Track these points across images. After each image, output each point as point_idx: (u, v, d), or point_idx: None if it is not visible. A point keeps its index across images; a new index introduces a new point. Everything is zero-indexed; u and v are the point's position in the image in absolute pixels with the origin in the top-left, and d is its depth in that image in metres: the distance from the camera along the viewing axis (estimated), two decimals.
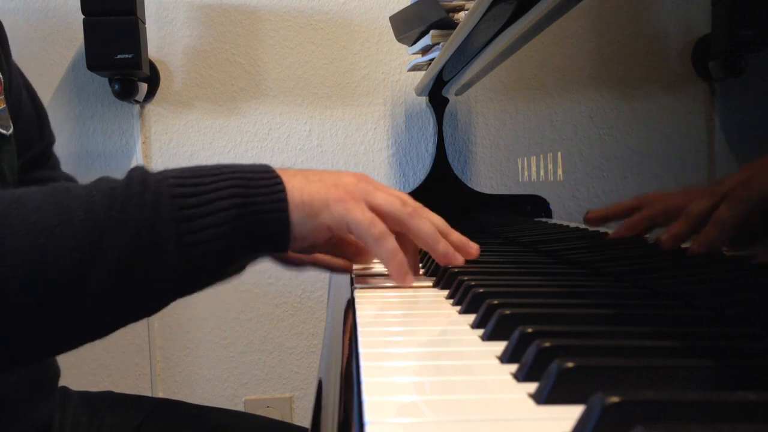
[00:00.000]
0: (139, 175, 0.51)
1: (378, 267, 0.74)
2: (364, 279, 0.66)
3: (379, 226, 0.57)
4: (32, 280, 0.45)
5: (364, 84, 1.69)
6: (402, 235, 0.61)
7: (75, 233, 0.46)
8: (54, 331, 0.48)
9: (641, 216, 0.62)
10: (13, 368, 0.63)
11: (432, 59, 1.31)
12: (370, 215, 0.56)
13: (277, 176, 0.55)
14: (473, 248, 0.64)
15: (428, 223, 0.61)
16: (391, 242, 0.57)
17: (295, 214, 0.54)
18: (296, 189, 0.55)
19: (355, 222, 0.56)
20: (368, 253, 0.68)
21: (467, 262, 0.65)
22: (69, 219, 0.47)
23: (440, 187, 1.37)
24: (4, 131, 0.77)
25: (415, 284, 0.63)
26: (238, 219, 0.51)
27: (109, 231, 0.47)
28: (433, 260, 0.68)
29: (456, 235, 0.64)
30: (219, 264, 0.52)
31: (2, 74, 0.80)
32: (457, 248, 0.63)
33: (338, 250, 0.68)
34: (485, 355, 0.39)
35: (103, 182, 0.51)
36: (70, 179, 0.96)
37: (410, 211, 0.59)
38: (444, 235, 0.62)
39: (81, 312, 0.48)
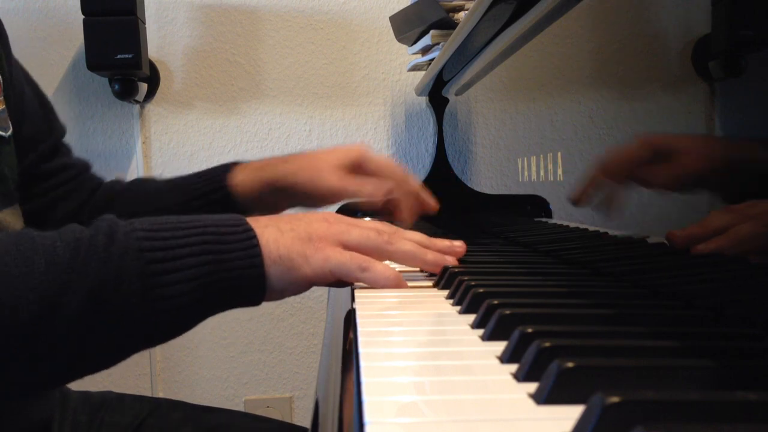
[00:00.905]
0: (107, 226, 0.50)
1: None
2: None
3: (360, 259, 0.56)
4: (0, 326, 0.44)
5: (364, 84, 1.69)
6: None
7: (35, 285, 0.45)
8: (11, 380, 0.47)
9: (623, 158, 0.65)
10: None
11: (432, 59, 1.31)
12: (348, 254, 0.56)
13: (250, 229, 0.53)
14: (458, 247, 0.65)
15: (407, 243, 0.61)
16: (378, 267, 0.57)
17: (273, 269, 0.53)
18: (271, 242, 0.53)
19: (337, 266, 0.55)
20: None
21: (467, 262, 0.65)
22: (29, 270, 0.46)
23: (440, 187, 1.37)
24: (2, 133, 0.77)
25: (415, 284, 0.63)
26: (209, 275, 0.50)
27: (71, 283, 0.46)
28: None
29: (440, 243, 0.64)
30: (186, 319, 0.51)
31: (2, 75, 0.80)
32: (445, 253, 0.64)
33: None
34: (485, 355, 0.39)
35: (69, 232, 0.50)
36: (86, 164, 0.97)
37: (386, 238, 0.59)
38: (428, 247, 0.63)
39: (53, 356, 0.47)
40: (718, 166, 0.51)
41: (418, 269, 0.73)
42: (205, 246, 0.51)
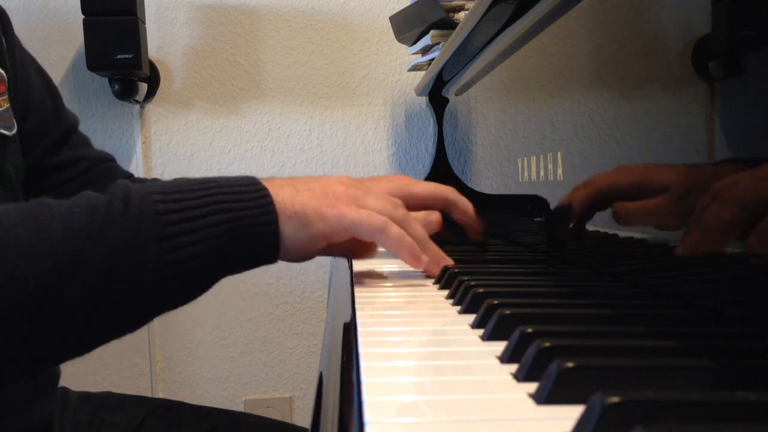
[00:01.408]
0: (122, 191, 0.50)
1: (378, 267, 0.74)
2: (364, 279, 0.66)
3: (378, 218, 0.56)
4: (11, 299, 0.45)
5: (364, 84, 1.69)
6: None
7: (53, 251, 0.46)
8: (34, 348, 0.48)
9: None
10: None
11: (432, 59, 1.31)
12: (365, 212, 0.56)
13: (264, 188, 0.54)
14: (446, 262, 0.64)
15: (419, 228, 0.61)
16: (395, 229, 0.57)
17: (288, 226, 0.53)
18: (287, 200, 0.54)
19: (353, 223, 0.55)
20: (366, 248, 0.66)
21: (467, 262, 0.65)
22: (47, 237, 0.46)
23: None
24: (6, 132, 0.77)
25: (415, 284, 0.63)
26: (225, 234, 0.51)
27: (89, 249, 0.47)
28: None
29: (432, 250, 0.63)
30: (203, 280, 0.52)
31: (5, 71, 0.80)
32: (435, 259, 0.63)
33: (334, 251, 0.66)
34: (485, 355, 0.39)
35: (84, 198, 0.50)
36: (106, 156, 0.96)
37: (401, 216, 0.59)
38: (423, 247, 0.62)
39: (61, 329, 0.47)
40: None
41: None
42: (220, 205, 0.51)
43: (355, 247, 0.63)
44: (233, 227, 0.51)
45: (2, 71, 0.79)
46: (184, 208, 0.50)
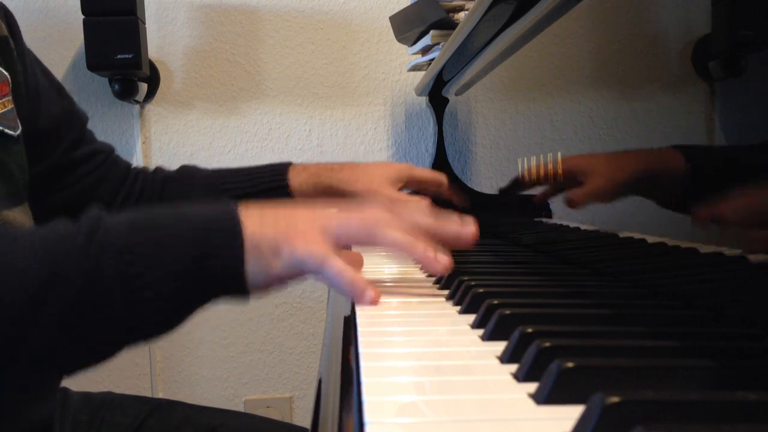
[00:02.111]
0: (89, 223, 0.49)
1: (379, 268, 0.74)
2: None
3: (318, 253, 0.51)
4: None
5: (364, 84, 1.69)
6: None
7: (15, 284, 0.45)
8: (13, 371, 0.47)
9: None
10: None
11: (432, 59, 1.31)
12: (312, 246, 0.52)
13: (236, 223, 0.51)
14: (468, 232, 0.58)
15: (394, 233, 0.55)
16: (332, 263, 0.51)
17: (250, 266, 0.51)
18: (248, 234, 0.51)
19: (300, 260, 0.51)
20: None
21: (467, 262, 0.65)
22: (9, 269, 0.45)
23: None
24: (11, 132, 0.77)
25: (415, 284, 0.63)
26: (191, 274, 0.49)
27: (50, 285, 0.46)
28: None
29: (449, 227, 0.58)
30: (172, 317, 0.51)
31: (10, 73, 0.80)
32: (454, 239, 0.58)
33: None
34: (485, 355, 0.39)
35: (51, 231, 0.49)
36: (108, 147, 1.00)
37: (371, 226, 0.55)
38: (436, 230, 0.57)
39: (23, 361, 0.47)
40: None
41: (419, 266, 0.73)
42: (187, 242, 0.49)
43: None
44: (199, 266, 0.49)
45: (6, 73, 0.79)
46: (151, 245, 0.49)
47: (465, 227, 0.58)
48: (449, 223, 0.58)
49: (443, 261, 0.55)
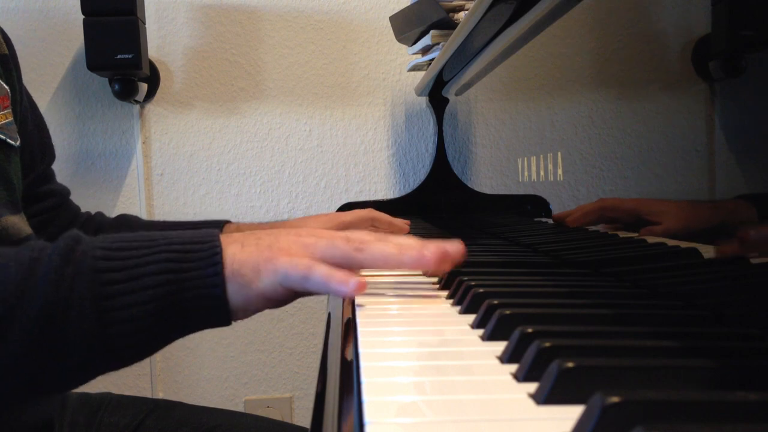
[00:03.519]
0: (65, 245, 0.48)
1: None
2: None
3: (301, 263, 0.50)
4: None
5: (364, 84, 1.69)
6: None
7: None
8: None
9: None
10: None
11: (432, 59, 1.31)
12: (294, 260, 0.51)
13: (216, 247, 0.50)
14: (453, 252, 0.56)
15: (380, 246, 0.54)
16: (319, 270, 0.50)
17: (230, 287, 0.50)
18: (228, 259, 0.50)
19: (283, 275, 0.50)
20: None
21: (467, 262, 0.65)
22: None
23: (440, 187, 1.37)
24: (12, 142, 0.79)
25: (415, 284, 0.63)
26: (167, 297, 0.48)
27: (20, 306, 0.45)
28: None
29: (432, 246, 0.56)
30: (148, 341, 0.49)
31: (12, 89, 0.82)
32: (440, 256, 0.55)
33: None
34: (485, 355, 0.39)
35: (28, 250, 0.48)
36: (65, 192, 1.00)
37: (356, 245, 0.54)
38: (423, 246, 0.55)
39: None
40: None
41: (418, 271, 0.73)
42: (166, 265, 0.48)
43: None
44: (177, 289, 0.48)
45: (7, 87, 0.81)
46: (128, 267, 0.48)
47: (452, 244, 0.57)
48: (434, 243, 0.57)
49: (434, 254, 0.54)
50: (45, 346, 0.46)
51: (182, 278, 0.48)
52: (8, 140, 0.78)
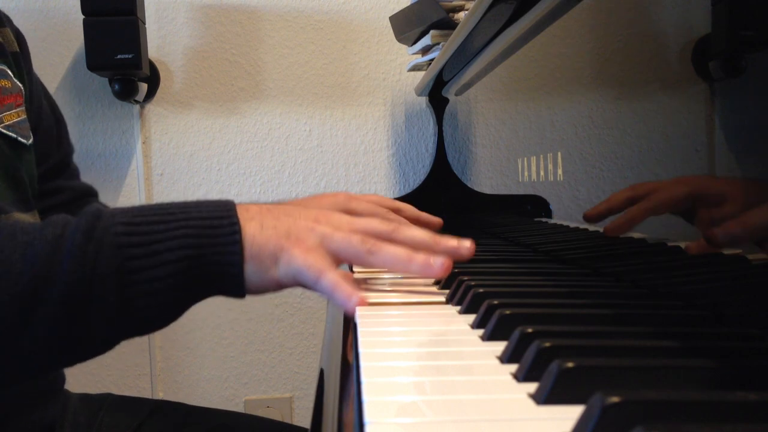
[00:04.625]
0: (86, 222, 0.49)
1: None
2: (365, 280, 0.66)
3: (315, 267, 0.52)
4: None
5: (364, 84, 1.69)
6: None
7: (12, 284, 0.46)
8: (8, 365, 0.48)
9: (640, 209, 0.62)
10: None
11: (432, 59, 1.31)
12: (310, 259, 0.52)
13: (235, 223, 0.51)
14: (465, 249, 0.58)
15: (392, 249, 0.55)
16: (329, 275, 0.51)
17: (248, 267, 0.51)
18: (248, 238, 0.51)
19: (297, 272, 0.52)
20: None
21: (467, 262, 0.65)
22: (7, 269, 0.46)
23: (440, 187, 1.37)
24: (24, 140, 0.79)
25: (414, 284, 0.63)
26: (188, 271, 0.49)
27: (46, 283, 0.47)
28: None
29: (445, 243, 0.58)
30: (169, 311, 0.51)
31: (24, 86, 0.82)
32: (451, 253, 0.58)
33: None
34: (485, 355, 0.39)
35: (50, 228, 0.49)
36: (89, 190, 0.99)
37: (368, 247, 0.54)
38: (431, 247, 0.57)
39: (24, 356, 0.48)
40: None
41: None
42: (185, 240, 0.50)
43: None
44: (197, 264, 0.50)
45: (20, 84, 0.81)
46: (150, 242, 0.49)
47: (462, 241, 0.58)
48: (446, 242, 0.58)
49: (442, 265, 0.55)
50: (71, 321, 0.47)
51: (201, 254, 0.50)
52: (20, 138, 0.78)
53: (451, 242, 0.59)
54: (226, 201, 0.54)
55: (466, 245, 0.58)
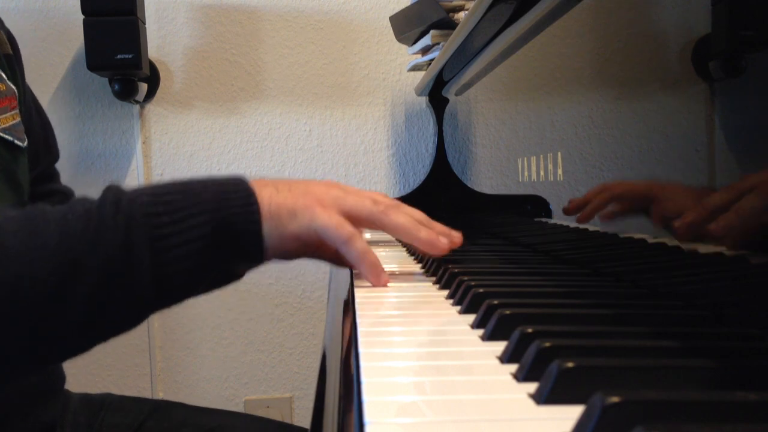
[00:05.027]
0: (113, 195, 0.51)
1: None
2: (365, 280, 0.66)
3: (347, 228, 0.56)
4: (10, 306, 0.46)
5: (364, 84, 1.69)
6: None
7: (50, 258, 0.47)
8: (37, 349, 0.49)
9: (603, 196, 0.68)
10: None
11: (432, 59, 1.31)
12: (337, 218, 0.56)
13: (249, 189, 0.54)
14: (456, 236, 0.64)
15: (404, 215, 0.61)
16: (360, 243, 0.57)
17: (266, 226, 0.54)
18: (265, 199, 0.55)
19: (322, 227, 0.56)
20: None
21: (467, 261, 0.65)
22: (44, 243, 0.47)
23: (440, 187, 1.37)
24: (20, 143, 0.79)
25: (414, 284, 0.63)
26: (212, 236, 0.52)
27: (86, 253, 0.48)
28: (434, 260, 0.68)
29: (439, 226, 0.64)
30: (194, 279, 0.53)
31: (17, 89, 0.83)
32: (446, 236, 0.63)
33: (320, 255, 0.64)
34: (485, 355, 0.39)
35: (78, 204, 0.51)
36: (69, 192, 0.99)
37: (382, 209, 0.59)
38: (430, 226, 0.62)
39: (62, 330, 0.48)
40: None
41: (419, 266, 0.73)
42: (207, 205, 0.52)
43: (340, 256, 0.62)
44: (219, 227, 0.52)
45: (14, 87, 0.82)
46: (174, 210, 0.51)
47: (451, 231, 0.64)
48: (438, 224, 0.64)
49: (443, 242, 0.61)
50: (108, 294, 0.48)
51: (221, 217, 0.52)
52: (16, 141, 0.78)
53: (443, 227, 0.64)
54: (238, 176, 0.57)
55: (455, 233, 0.64)
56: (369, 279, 0.60)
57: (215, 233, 0.52)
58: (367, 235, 1.02)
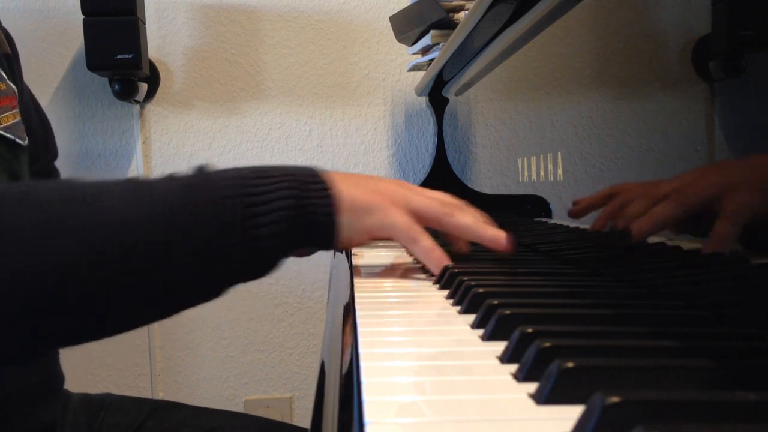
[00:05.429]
0: (207, 174, 0.55)
1: (379, 268, 0.74)
2: (365, 280, 0.66)
3: (415, 228, 0.60)
4: (119, 267, 0.49)
5: (364, 84, 1.69)
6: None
7: (156, 225, 0.50)
8: (135, 308, 0.52)
9: (617, 203, 0.68)
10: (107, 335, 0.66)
11: (432, 59, 1.31)
12: (407, 219, 0.60)
13: (326, 180, 0.58)
14: (509, 239, 0.67)
15: (468, 216, 0.64)
16: (427, 242, 0.61)
17: (343, 218, 0.57)
18: (343, 193, 0.58)
19: (392, 226, 0.59)
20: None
21: (467, 262, 0.65)
22: (150, 212, 0.50)
23: (440, 188, 1.37)
24: (21, 141, 0.80)
25: (415, 284, 0.63)
26: (294, 218, 0.55)
27: (185, 226, 0.51)
28: None
29: (496, 227, 0.67)
30: (274, 258, 0.56)
31: (17, 88, 0.83)
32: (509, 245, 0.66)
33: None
34: (485, 355, 0.39)
35: (176, 179, 0.54)
36: None
37: (448, 210, 0.63)
38: (483, 228, 0.65)
39: (159, 293, 0.52)
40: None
41: (419, 266, 0.73)
42: (290, 191, 0.55)
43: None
44: (300, 213, 0.55)
45: (14, 86, 0.82)
46: (262, 192, 0.54)
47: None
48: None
49: (508, 241, 0.64)
50: (203, 262, 0.52)
51: (301, 204, 0.55)
52: (17, 140, 0.79)
53: (500, 232, 0.67)
54: (310, 167, 0.60)
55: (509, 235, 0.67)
56: (435, 273, 0.63)
57: (296, 217, 0.55)
58: None
